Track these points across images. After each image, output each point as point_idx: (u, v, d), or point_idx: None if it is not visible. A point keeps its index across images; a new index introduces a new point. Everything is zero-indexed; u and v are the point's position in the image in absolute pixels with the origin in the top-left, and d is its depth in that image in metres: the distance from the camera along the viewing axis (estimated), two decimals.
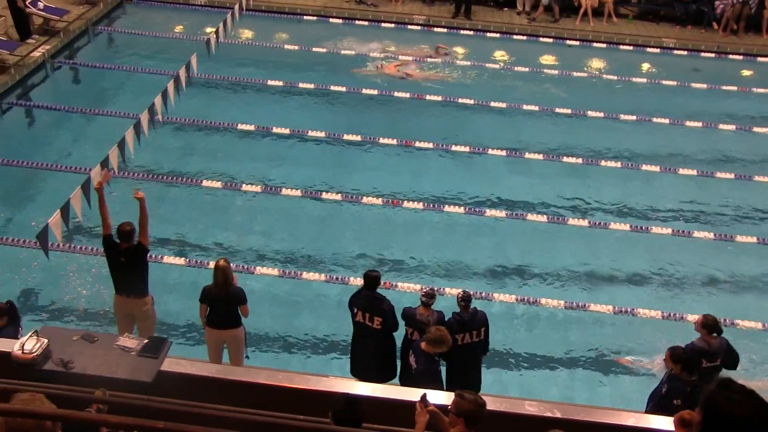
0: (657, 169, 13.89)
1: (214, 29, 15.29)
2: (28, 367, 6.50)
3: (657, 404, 7.61)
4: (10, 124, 14.67)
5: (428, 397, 5.47)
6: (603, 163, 14.00)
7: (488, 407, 5.22)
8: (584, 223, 12.30)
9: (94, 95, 15.50)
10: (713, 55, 19.23)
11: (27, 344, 6.59)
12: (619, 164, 13.99)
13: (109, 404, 5.09)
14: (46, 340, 6.70)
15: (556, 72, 17.88)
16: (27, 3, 16.21)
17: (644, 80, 17.78)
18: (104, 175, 9.03)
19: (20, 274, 10.52)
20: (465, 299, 7.99)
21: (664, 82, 17.54)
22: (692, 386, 7.40)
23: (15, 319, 7.97)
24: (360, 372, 8.33)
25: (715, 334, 7.83)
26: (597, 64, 18.70)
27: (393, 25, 19.65)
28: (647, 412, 7.66)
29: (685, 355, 7.41)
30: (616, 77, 17.70)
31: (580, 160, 14.01)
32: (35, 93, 15.51)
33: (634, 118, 15.65)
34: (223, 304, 8.19)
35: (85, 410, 4.98)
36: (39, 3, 16.82)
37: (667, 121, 15.62)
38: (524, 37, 19.58)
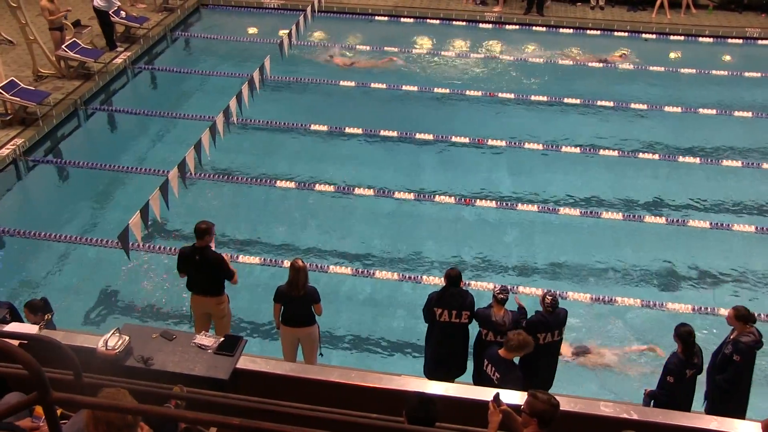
0: (739, 164, 13.40)
1: (287, 31, 15.51)
2: (112, 363, 6.72)
3: (658, 382, 7.68)
4: (95, 129, 15.23)
5: (501, 397, 5.42)
6: (680, 158, 13.60)
7: (562, 407, 5.15)
8: (661, 220, 11.96)
9: (172, 99, 15.92)
10: None
11: (110, 341, 6.82)
12: (697, 160, 13.56)
13: (186, 400, 5.21)
14: (127, 337, 6.92)
15: (632, 67, 17.45)
16: (111, 13, 16.83)
17: (725, 73, 17.17)
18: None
19: (103, 273, 10.89)
20: (553, 305, 7.83)
21: (746, 74, 16.91)
22: (692, 369, 7.44)
23: (47, 314, 8.11)
24: (441, 373, 8.23)
25: (750, 324, 7.55)
26: (674, 57, 18.15)
27: (464, 23, 19.54)
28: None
29: (686, 335, 7.37)
30: (694, 70, 17.14)
31: (656, 156, 13.64)
32: (117, 98, 16.06)
33: (714, 112, 15.15)
34: (297, 303, 8.28)
35: (164, 406, 5.12)
36: (121, 12, 17.45)
37: (749, 114, 15.06)
38: (598, 32, 19.19)
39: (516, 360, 7.39)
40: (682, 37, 18.97)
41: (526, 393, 5.32)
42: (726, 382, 7.60)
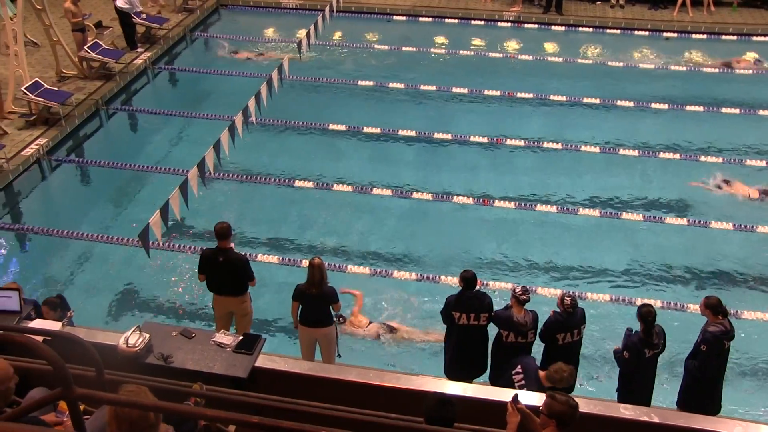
0: (763, 163, 13.26)
1: (305, 31, 15.55)
2: (133, 360, 6.79)
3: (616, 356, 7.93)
4: (115, 129, 15.36)
5: (520, 398, 5.40)
6: (703, 158, 13.47)
7: (581, 409, 5.12)
8: (683, 222, 11.86)
9: (191, 99, 16.02)
10: None
11: (131, 338, 6.89)
12: (720, 159, 13.43)
13: (205, 398, 5.25)
14: (147, 335, 6.98)
15: (652, 66, 17.32)
16: (132, 14, 16.97)
17: (749, 72, 16.98)
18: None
19: (123, 271, 10.99)
20: (572, 305, 7.81)
21: None
22: (652, 349, 7.61)
23: (65, 311, 8.20)
24: (462, 374, 8.21)
25: (721, 316, 7.60)
26: (696, 56, 17.97)
27: (483, 23, 19.50)
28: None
29: (646, 315, 7.51)
30: (717, 70, 16.99)
31: (678, 156, 13.52)
32: (137, 98, 16.18)
33: (738, 111, 14.99)
34: (315, 302, 8.30)
35: (183, 403, 5.15)
36: (141, 14, 17.59)
37: None
38: (618, 31, 19.07)
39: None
40: (705, 36, 18.78)
41: (544, 394, 5.30)
42: (694, 369, 7.77)
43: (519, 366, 7.42)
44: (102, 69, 16.01)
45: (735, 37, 18.69)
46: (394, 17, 20.00)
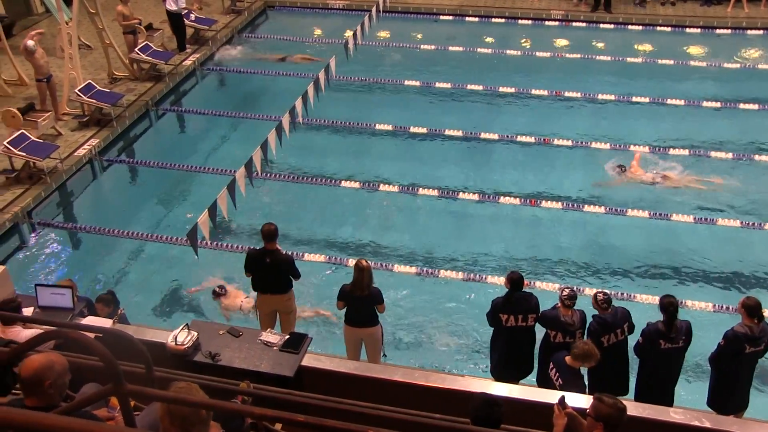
0: None
1: (352, 32, 15.59)
2: (181, 357, 6.89)
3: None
4: (165, 129, 15.61)
5: (567, 400, 5.34)
6: (757, 157, 13.13)
7: (629, 412, 5.03)
8: (735, 223, 11.58)
9: (239, 99, 16.20)
10: None
11: (179, 336, 6.99)
12: None
13: (253, 396, 5.30)
14: (195, 333, 7.08)
15: (705, 64, 16.95)
16: (183, 15, 17.24)
17: None
18: None
19: (172, 270, 11.16)
20: (605, 301, 7.72)
21: None
22: (669, 342, 7.50)
23: (116, 308, 8.35)
24: (509, 376, 8.14)
25: (756, 320, 7.39)
26: (752, 53, 17.52)
27: (530, 22, 19.32)
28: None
29: (666, 306, 7.48)
30: None
31: (730, 155, 13.21)
32: (186, 99, 16.43)
33: None
34: (361, 303, 8.32)
35: (231, 401, 5.21)
36: (191, 15, 17.87)
37: None
38: (669, 29, 18.71)
39: (583, 370, 7.24)
40: (761, 32, 18.29)
41: (592, 396, 5.23)
42: (710, 360, 7.75)
43: (552, 363, 7.38)
44: (152, 70, 16.31)
45: None
46: (441, 17, 19.95)
